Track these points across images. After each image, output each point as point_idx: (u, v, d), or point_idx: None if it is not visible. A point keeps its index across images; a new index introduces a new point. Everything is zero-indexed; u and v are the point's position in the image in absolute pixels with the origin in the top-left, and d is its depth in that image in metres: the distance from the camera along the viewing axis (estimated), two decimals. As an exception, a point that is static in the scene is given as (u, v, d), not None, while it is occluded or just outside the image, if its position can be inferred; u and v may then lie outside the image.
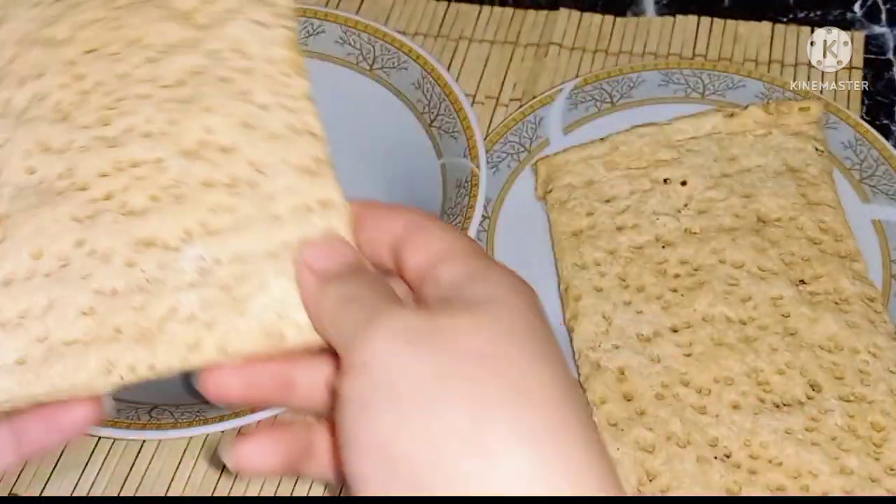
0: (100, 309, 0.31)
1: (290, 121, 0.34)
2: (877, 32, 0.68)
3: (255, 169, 0.33)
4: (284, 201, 0.33)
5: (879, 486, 0.46)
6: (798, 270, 0.53)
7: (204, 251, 0.32)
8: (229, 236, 0.32)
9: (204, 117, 0.33)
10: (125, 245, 0.32)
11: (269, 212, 0.33)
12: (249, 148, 0.33)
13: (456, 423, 0.25)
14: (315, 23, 0.60)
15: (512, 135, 0.61)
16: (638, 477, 0.47)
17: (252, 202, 0.33)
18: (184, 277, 0.32)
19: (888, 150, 0.59)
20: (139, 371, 0.31)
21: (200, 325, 0.32)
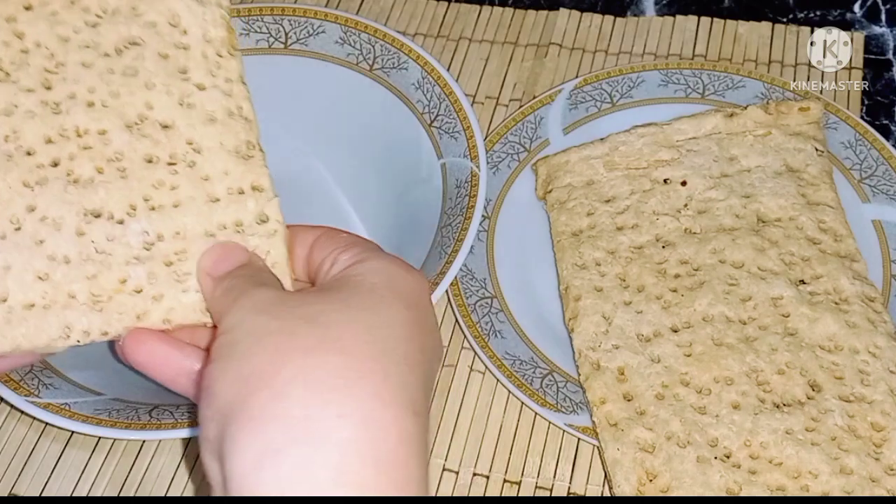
0: (54, 275, 0.34)
1: (225, 104, 0.36)
2: (877, 32, 0.68)
3: (194, 149, 0.36)
4: (221, 183, 0.36)
5: (879, 486, 0.46)
6: (798, 270, 0.53)
7: (147, 226, 0.35)
8: (171, 213, 0.35)
9: (145, 93, 0.36)
10: (75, 214, 0.35)
11: (207, 192, 0.36)
12: (187, 128, 0.36)
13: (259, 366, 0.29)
14: (315, 23, 0.60)
15: (512, 135, 0.61)
16: (638, 477, 0.47)
17: (191, 182, 0.36)
18: (130, 251, 0.35)
19: (888, 151, 0.59)
20: (93, 336, 0.35)
21: (149, 298, 0.35)
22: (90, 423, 0.47)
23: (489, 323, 0.54)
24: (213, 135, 0.36)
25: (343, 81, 0.60)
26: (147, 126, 0.36)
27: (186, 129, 0.36)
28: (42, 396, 0.48)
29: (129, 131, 0.36)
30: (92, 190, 0.35)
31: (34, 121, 0.35)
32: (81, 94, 0.35)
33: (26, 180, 0.34)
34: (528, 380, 0.51)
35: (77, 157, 0.35)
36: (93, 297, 0.35)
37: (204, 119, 0.36)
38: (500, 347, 0.53)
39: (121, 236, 0.35)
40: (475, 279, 0.55)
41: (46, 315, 0.34)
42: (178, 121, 0.36)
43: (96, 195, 0.35)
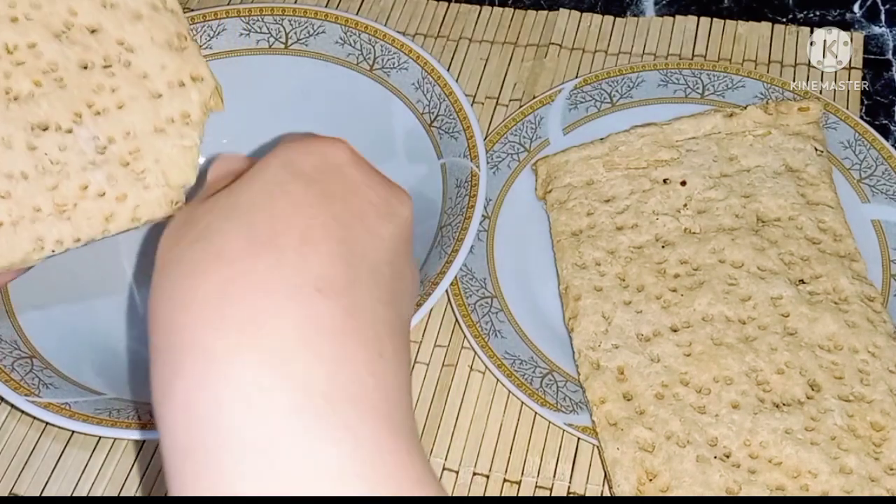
0: (15, 192, 0.35)
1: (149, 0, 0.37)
2: (876, 33, 0.68)
3: (126, 48, 0.36)
4: (159, 78, 0.36)
5: (879, 486, 0.46)
6: (797, 270, 0.53)
7: (96, 131, 0.36)
8: (117, 115, 0.36)
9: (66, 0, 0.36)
10: (22, 130, 0.35)
11: (148, 89, 0.36)
12: (115, 28, 0.36)
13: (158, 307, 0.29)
14: (315, 23, 0.60)
15: (512, 135, 0.61)
16: (638, 476, 0.47)
17: (129, 81, 0.36)
18: (85, 157, 0.35)
19: (887, 150, 0.59)
20: (66, 244, 0.36)
21: (112, 200, 0.36)
22: (90, 423, 0.47)
23: (489, 323, 0.54)
24: (142, 31, 0.36)
25: (343, 81, 0.60)
26: (75, 32, 0.36)
27: (114, 29, 0.36)
28: (42, 396, 0.48)
29: (57, 40, 0.36)
30: (34, 104, 0.35)
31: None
32: (2, 10, 0.35)
33: None
34: (527, 379, 0.51)
35: (12, 73, 0.35)
36: (58, 207, 0.35)
37: (130, 17, 0.36)
38: (500, 347, 0.53)
39: (72, 145, 0.35)
40: (475, 279, 0.55)
41: (16, 231, 0.35)
42: (104, 22, 0.36)
43: (39, 108, 0.35)
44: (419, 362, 0.55)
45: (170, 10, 0.37)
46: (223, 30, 0.60)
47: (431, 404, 0.53)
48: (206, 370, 0.26)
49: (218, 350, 0.26)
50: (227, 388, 0.26)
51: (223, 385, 0.26)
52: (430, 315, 0.56)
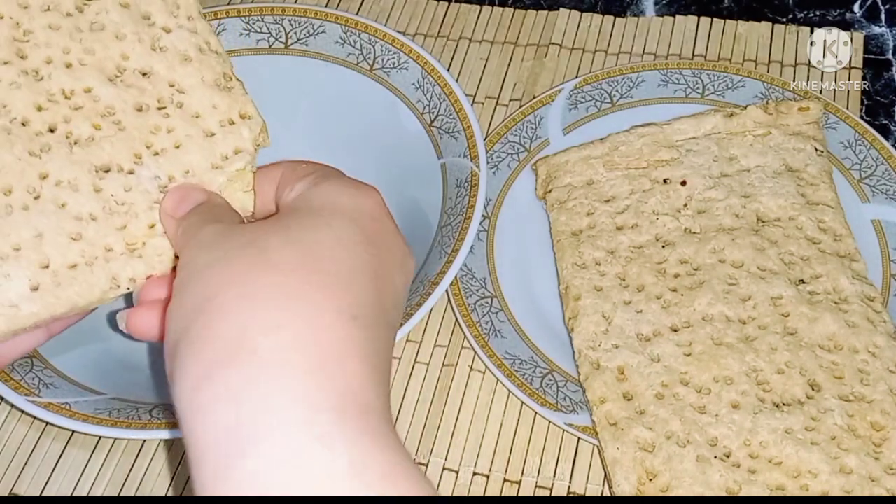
0: (86, 233, 0.36)
1: (194, 41, 0.38)
2: (876, 32, 0.68)
3: (177, 90, 0.37)
4: (212, 118, 0.38)
5: (879, 486, 0.46)
6: (797, 270, 0.53)
7: (157, 170, 0.37)
8: (175, 155, 0.37)
9: (117, 44, 0.37)
10: (86, 173, 0.36)
11: (202, 129, 0.37)
12: (167, 71, 0.37)
13: (199, 298, 0.30)
14: (315, 23, 0.60)
15: (512, 135, 0.61)
16: (638, 476, 0.47)
17: (184, 121, 0.37)
18: (149, 196, 0.37)
19: (887, 150, 0.59)
20: (139, 280, 0.37)
21: None
22: (90, 423, 0.47)
23: (489, 322, 0.54)
24: (192, 73, 0.38)
25: (343, 81, 0.60)
26: (128, 76, 0.37)
27: (166, 71, 0.37)
28: (42, 396, 0.48)
29: (112, 84, 0.37)
30: (96, 147, 0.36)
31: (20, 91, 0.36)
32: (57, 56, 0.36)
33: (31, 150, 0.35)
34: (527, 379, 0.51)
35: (72, 118, 0.36)
36: (128, 245, 0.36)
37: (179, 59, 0.38)
38: (500, 347, 0.53)
39: (136, 185, 0.36)
40: (475, 279, 0.55)
41: (92, 271, 0.36)
42: (155, 66, 0.37)
43: (102, 151, 0.36)
44: (419, 362, 0.55)
45: (214, 52, 0.38)
46: (223, 30, 0.60)
47: (431, 404, 0.53)
48: (252, 371, 0.28)
49: (264, 353, 0.28)
50: (274, 391, 0.27)
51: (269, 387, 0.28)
52: (430, 315, 0.56)
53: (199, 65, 0.38)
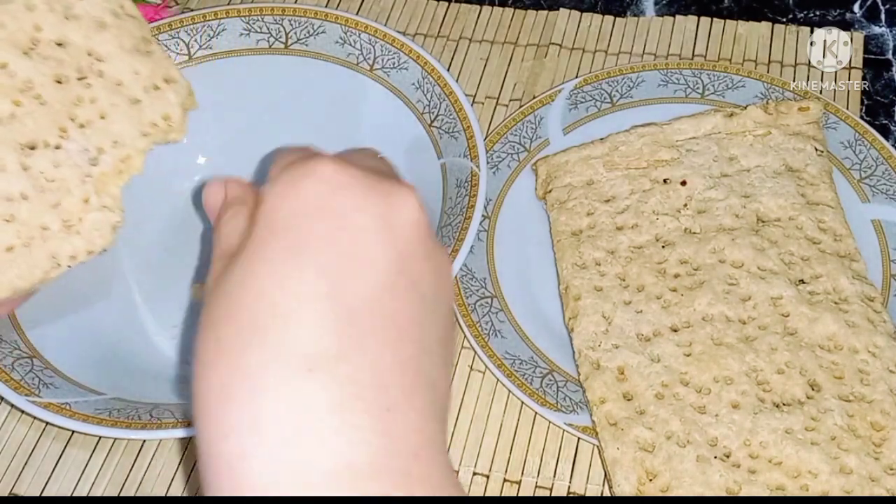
0: (19, 214, 0.34)
1: (108, 6, 0.37)
2: (876, 32, 0.68)
3: (96, 58, 0.36)
4: (135, 84, 0.36)
5: (879, 486, 0.46)
6: (797, 270, 0.53)
7: (85, 143, 0.35)
8: (101, 125, 0.36)
9: (28, 16, 0.36)
10: (12, 151, 0.34)
11: (126, 96, 0.36)
12: (83, 39, 0.36)
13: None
14: (315, 23, 0.60)
15: (512, 135, 0.61)
16: (638, 476, 0.47)
17: (106, 90, 0.36)
18: (80, 170, 0.35)
19: (887, 150, 0.59)
20: (80, 257, 0.35)
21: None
22: (90, 423, 0.47)
23: (489, 322, 0.54)
24: (109, 39, 0.36)
25: (343, 81, 0.60)
26: (43, 48, 0.36)
27: (82, 40, 0.36)
28: (42, 396, 0.48)
29: (28, 58, 0.35)
30: (18, 124, 0.35)
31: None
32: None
33: None
34: (528, 379, 0.51)
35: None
36: (65, 223, 0.35)
37: (94, 26, 0.36)
38: (500, 347, 0.53)
39: (65, 160, 0.35)
40: (475, 279, 0.55)
41: (30, 252, 0.35)
42: (70, 35, 0.36)
43: (25, 127, 0.35)
44: (419, 362, 0.55)
45: (130, 16, 0.37)
46: (223, 30, 0.60)
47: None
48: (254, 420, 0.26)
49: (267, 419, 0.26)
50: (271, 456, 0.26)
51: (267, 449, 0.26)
52: (430, 315, 0.56)
53: (116, 30, 0.37)
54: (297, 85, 0.60)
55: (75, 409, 0.48)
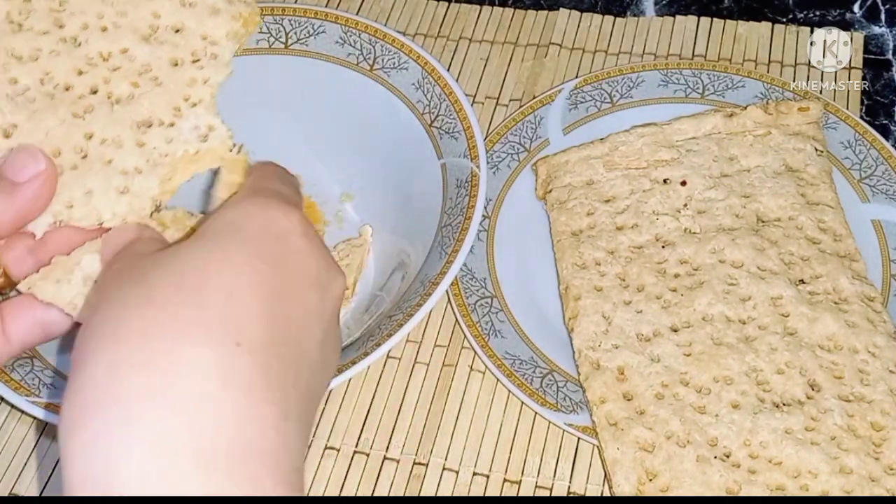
0: (133, 186, 0.37)
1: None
2: (876, 32, 0.68)
3: (210, 42, 0.39)
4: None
5: (879, 486, 0.46)
6: (797, 270, 0.53)
7: (196, 121, 0.38)
8: (212, 104, 0.38)
9: (148, 4, 0.38)
10: (129, 129, 0.37)
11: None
12: (198, 25, 0.39)
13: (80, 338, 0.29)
14: (315, 23, 0.60)
15: (512, 135, 0.61)
16: (638, 476, 0.47)
17: (219, 71, 0.39)
18: (191, 146, 0.38)
19: (887, 150, 0.59)
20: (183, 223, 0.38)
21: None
22: (90, 423, 0.47)
23: (489, 322, 0.54)
24: (222, 24, 0.39)
25: (343, 81, 0.60)
26: (161, 33, 0.38)
27: (197, 26, 0.39)
28: (42, 396, 0.48)
29: (147, 43, 0.38)
30: (136, 104, 0.37)
31: (60, 58, 0.37)
32: (92, 22, 0.38)
33: (75, 112, 0.37)
34: (528, 379, 0.51)
35: (111, 79, 0.37)
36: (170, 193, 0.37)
37: (208, 12, 0.39)
38: (500, 347, 0.53)
39: (177, 136, 0.37)
40: (475, 279, 0.55)
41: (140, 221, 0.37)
42: (186, 21, 0.39)
43: (141, 107, 0.37)
44: (419, 362, 0.55)
45: (242, 1, 0.40)
46: (223, 30, 0.60)
47: (431, 404, 0.53)
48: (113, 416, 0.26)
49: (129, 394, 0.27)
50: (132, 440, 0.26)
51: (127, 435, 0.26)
52: (430, 315, 0.56)
53: (227, 15, 0.39)
54: (297, 85, 0.60)
55: (75, 409, 0.48)
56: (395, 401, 0.54)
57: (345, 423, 0.53)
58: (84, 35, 0.37)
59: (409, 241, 0.56)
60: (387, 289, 0.55)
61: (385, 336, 0.48)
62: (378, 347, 0.48)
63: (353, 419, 0.53)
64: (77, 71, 0.37)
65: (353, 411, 0.53)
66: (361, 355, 0.48)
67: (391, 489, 0.51)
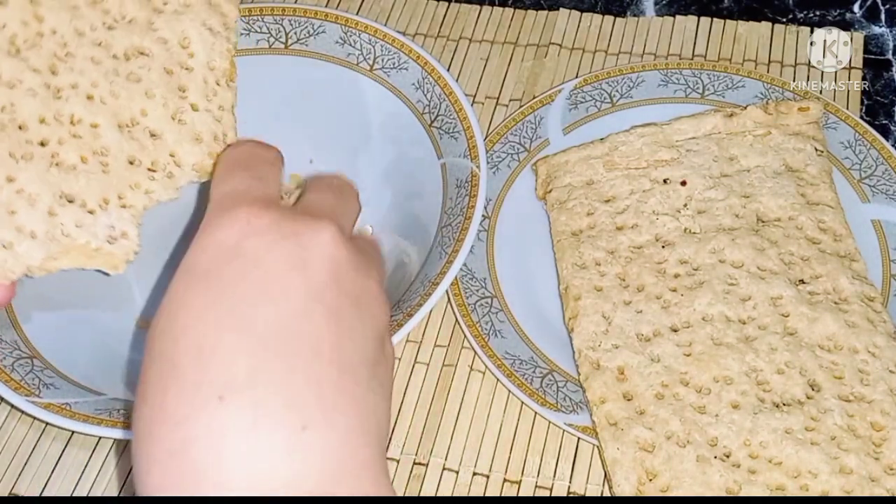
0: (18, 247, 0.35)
1: (213, 128, 0.39)
2: (876, 32, 0.68)
3: (175, 162, 0.38)
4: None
5: (879, 486, 0.46)
6: (797, 270, 0.53)
7: (115, 222, 0.37)
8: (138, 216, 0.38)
9: (143, 100, 0.38)
10: (51, 195, 0.36)
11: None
12: (174, 142, 0.38)
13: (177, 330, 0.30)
14: (315, 23, 0.60)
15: (512, 135, 0.61)
16: (638, 476, 0.47)
17: (165, 191, 0.38)
18: (95, 241, 0.36)
19: (887, 150, 0.59)
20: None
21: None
22: (90, 423, 0.47)
23: (489, 322, 0.54)
24: (196, 153, 0.38)
25: (343, 81, 0.60)
26: (138, 130, 0.38)
27: (173, 142, 0.38)
28: (42, 396, 0.48)
29: (119, 131, 0.37)
30: (73, 176, 0.36)
31: (34, 100, 0.36)
32: (84, 86, 0.37)
33: (13, 152, 0.35)
34: (528, 379, 0.51)
35: (66, 142, 0.36)
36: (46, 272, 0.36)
37: (191, 137, 0.38)
38: (500, 347, 0.53)
39: (90, 225, 0.36)
40: (475, 279, 0.55)
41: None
42: (167, 133, 0.38)
43: (76, 182, 0.36)
44: (419, 362, 0.55)
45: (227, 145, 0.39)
46: (223, 30, 0.60)
47: (431, 404, 0.53)
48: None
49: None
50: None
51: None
52: (430, 315, 0.56)
53: (206, 149, 0.39)
54: (297, 85, 0.60)
55: (75, 410, 0.48)
56: (395, 401, 0.54)
57: (345, 423, 0.53)
58: (68, 92, 0.37)
59: (409, 241, 0.56)
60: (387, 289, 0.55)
61: (385, 336, 0.48)
62: (378, 347, 0.48)
63: (353, 419, 0.53)
64: (40, 118, 0.36)
65: (353, 411, 0.53)
66: (361, 355, 0.48)
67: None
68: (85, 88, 0.37)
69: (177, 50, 0.39)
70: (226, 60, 0.40)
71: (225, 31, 0.40)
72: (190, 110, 0.39)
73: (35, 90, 0.36)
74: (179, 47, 0.39)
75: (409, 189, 0.58)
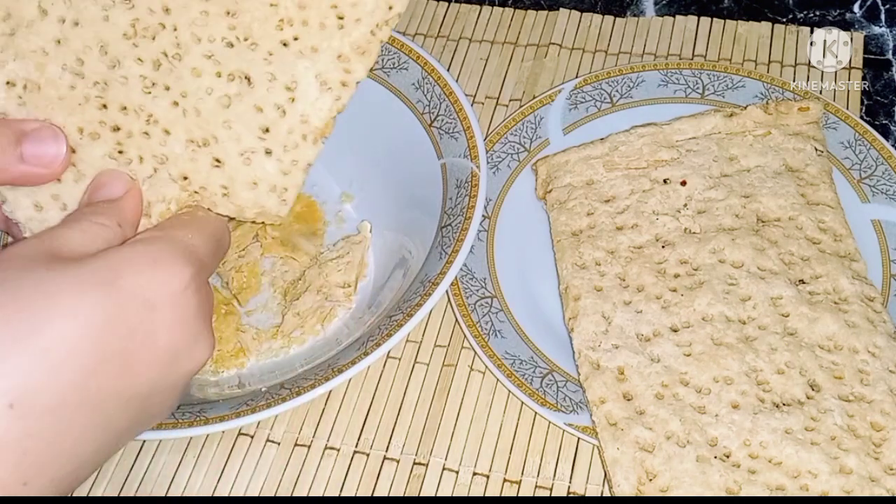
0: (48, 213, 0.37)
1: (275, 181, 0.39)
2: (876, 32, 0.68)
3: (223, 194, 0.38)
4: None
5: (879, 486, 0.46)
6: (797, 270, 0.53)
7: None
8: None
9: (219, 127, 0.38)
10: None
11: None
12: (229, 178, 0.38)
13: None
14: (315, 23, 0.60)
15: (512, 135, 0.61)
16: (638, 476, 0.47)
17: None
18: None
19: (887, 150, 0.59)
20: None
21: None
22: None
23: (489, 322, 0.54)
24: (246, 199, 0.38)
25: (343, 81, 0.60)
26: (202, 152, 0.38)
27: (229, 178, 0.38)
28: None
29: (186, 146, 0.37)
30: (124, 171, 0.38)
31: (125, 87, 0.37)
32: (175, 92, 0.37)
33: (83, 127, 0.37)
34: (527, 379, 0.51)
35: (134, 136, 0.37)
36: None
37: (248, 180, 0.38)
38: (500, 347, 0.53)
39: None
40: (475, 279, 0.55)
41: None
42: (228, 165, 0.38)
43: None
44: (419, 362, 0.55)
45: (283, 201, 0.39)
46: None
47: (431, 404, 0.54)
48: None
49: None
50: None
51: None
52: (430, 315, 0.56)
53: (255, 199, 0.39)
54: (297, 85, 0.60)
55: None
56: (395, 401, 0.54)
57: (345, 423, 0.53)
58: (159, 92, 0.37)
59: (409, 241, 0.56)
60: (388, 286, 0.55)
61: (385, 336, 0.48)
62: (378, 347, 0.48)
63: (353, 419, 0.53)
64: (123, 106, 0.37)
65: (353, 411, 0.53)
66: (361, 355, 0.48)
67: (391, 489, 0.51)
68: (175, 95, 0.37)
69: (280, 90, 0.37)
70: (322, 120, 0.38)
71: (338, 89, 0.38)
72: (262, 153, 0.38)
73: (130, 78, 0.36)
74: (284, 88, 0.37)
75: (409, 189, 0.58)
